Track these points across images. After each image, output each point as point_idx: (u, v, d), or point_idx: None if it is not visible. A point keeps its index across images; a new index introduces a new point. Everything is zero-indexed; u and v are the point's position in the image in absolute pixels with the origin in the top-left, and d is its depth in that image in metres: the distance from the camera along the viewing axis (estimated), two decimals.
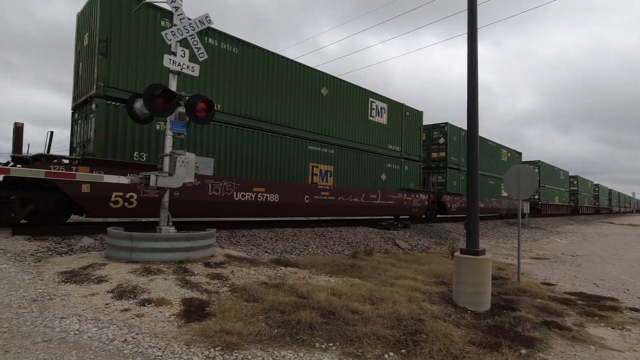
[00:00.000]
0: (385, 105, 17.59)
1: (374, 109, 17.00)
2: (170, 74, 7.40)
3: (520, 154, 32.23)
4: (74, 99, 10.51)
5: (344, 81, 15.61)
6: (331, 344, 4.33)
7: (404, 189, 18.56)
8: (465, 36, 6.90)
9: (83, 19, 10.23)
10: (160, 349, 3.88)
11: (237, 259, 7.79)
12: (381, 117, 17.40)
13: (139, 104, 7.43)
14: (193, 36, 7.46)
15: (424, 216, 21.05)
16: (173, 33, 7.21)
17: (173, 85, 7.36)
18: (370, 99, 16.75)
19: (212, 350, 3.91)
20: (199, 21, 7.59)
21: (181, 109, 7.49)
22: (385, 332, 4.70)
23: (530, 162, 36.65)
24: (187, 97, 7.36)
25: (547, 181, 38.05)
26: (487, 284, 6.33)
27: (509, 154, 30.11)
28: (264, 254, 10.11)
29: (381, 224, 16.66)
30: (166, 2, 7.30)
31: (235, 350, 3.93)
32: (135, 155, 9.47)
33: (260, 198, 12.22)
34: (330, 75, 14.95)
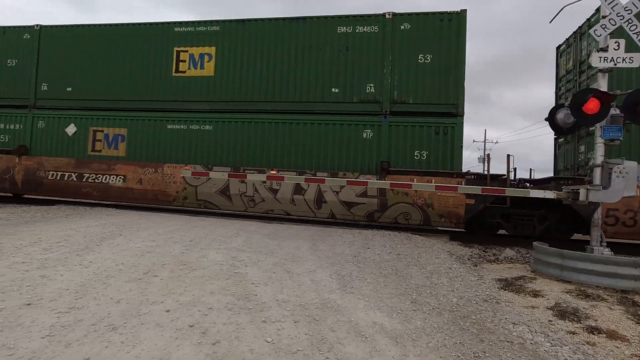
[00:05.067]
0: None
1: None
2: (600, 74, 6.52)
3: None
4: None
5: None
6: None
7: None
8: None
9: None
10: None
11: None
12: None
13: (561, 115, 7.04)
14: (630, 20, 6.24)
15: None
16: (603, 26, 6.33)
17: (604, 86, 6.44)
18: None
19: None
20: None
21: (613, 111, 6.44)
22: None
23: None
24: (624, 96, 6.22)
25: None
26: None
27: None
28: None
29: None
30: None
31: None
32: None
33: None
34: None
